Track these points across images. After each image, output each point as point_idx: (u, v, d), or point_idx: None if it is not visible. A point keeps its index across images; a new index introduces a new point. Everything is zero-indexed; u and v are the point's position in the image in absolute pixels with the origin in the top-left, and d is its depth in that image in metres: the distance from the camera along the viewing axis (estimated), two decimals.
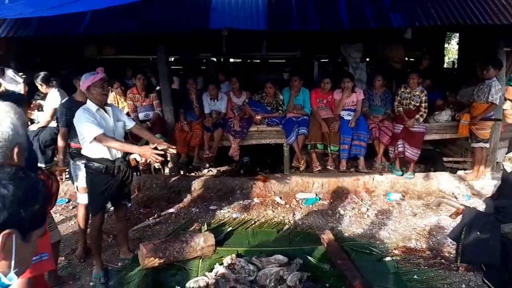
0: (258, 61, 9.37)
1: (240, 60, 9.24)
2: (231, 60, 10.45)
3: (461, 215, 2.49)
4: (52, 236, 3.10)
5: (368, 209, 5.09)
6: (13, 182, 0.99)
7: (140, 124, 5.36)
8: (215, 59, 9.33)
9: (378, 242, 4.30)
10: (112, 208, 4.04)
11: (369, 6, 5.25)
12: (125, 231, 4.09)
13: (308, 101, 5.93)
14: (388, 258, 3.92)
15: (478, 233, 2.31)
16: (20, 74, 6.17)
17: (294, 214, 4.98)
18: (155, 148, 3.30)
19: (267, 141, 6.01)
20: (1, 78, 5.84)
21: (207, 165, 6.35)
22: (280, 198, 5.40)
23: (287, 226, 4.65)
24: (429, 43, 7.95)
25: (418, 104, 5.71)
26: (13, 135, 1.45)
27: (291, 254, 3.82)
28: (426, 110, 5.70)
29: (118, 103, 5.89)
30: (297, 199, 5.38)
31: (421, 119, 5.68)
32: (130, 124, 3.71)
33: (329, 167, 5.82)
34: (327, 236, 4.16)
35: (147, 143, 5.61)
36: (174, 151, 3.60)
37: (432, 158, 6.45)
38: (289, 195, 5.47)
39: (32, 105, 5.67)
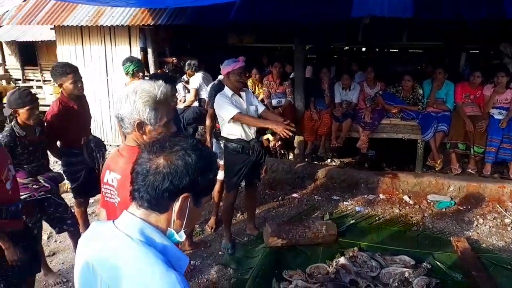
0: (396, 50, 8.89)
1: (376, 49, 8.85)
2: (363, 49, 10.13)
3: None
4: None
5: None
6: (195, 152, 1.11)
7: (271, 110, 5.60)
8: (347, 48, 9.15)
9: None
10: (244, 186, 4.32)
11: None
12: (253, 208, 4.34)
13: (452, 95, 5.42)
14: None
15: None
16: (173, 58, 6.91)
17: (424, 216, 4.67)
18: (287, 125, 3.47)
19: (400, 136, 5.69)
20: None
21: (330, 155, 6.32)
22: (409, 197, 5.10)
23: (415, 228, 4.40)
24: None
25: None
26: (132, 111, 1.69)
27: (418, 257, 3.62)
28: None
29: (255, 89, 6.21)
30: (428, 200, 5.02)
31: None
32: (261, 108, 3.90)
33: (469, 170, 5.27)
34: (461, 244, 3.83)
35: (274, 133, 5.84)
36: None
37: None
38: (420, 195, 5.13)
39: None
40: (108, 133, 6.90)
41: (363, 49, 10.29)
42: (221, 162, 4.13)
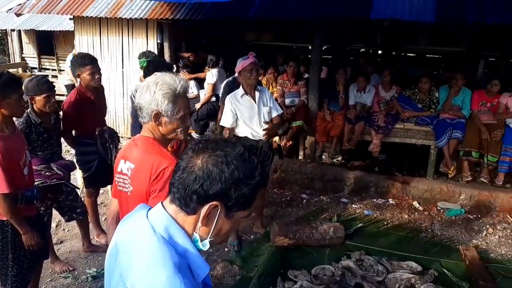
0: (413, 55, 8.81)
1: (393, 52, 8.77)
2: (380, 52, 10.03)
3: None
4: None
5: None
6: (236, 161, 1.05)
7: (285, 110, 5.60)
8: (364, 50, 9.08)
9: None
10: None
11: None
12: (261, 207, 4.34)
13: (468, 102, 5.34)
14: None
15: None
16: (189, 53, 6.94)
17: (433, 223, 4.63)
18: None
19: (413, 141, 5.64)
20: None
21: (342, 157, 6.29)
22: (419, 203, 5.06)
23: (423, 234, 4.37)
24: None
25: None
26: (151, 101, 1.72)
27: (425, 264, 3.59)
28: None
29: (269, 88, 6.20)
30: (438, 207, 4.97)
31: None
32: (274, 113, 3.92)
33: (482, 179, 5.20)
34: (470, 252, 3.79)
35: (287, 130, 5.81)
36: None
37: None
38: (430, 202, 5.09)
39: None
40: (121, 125, 6.97)
41: (380, 52, 10.20)
42: None
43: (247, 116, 3.76)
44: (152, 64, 3.32)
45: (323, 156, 6.25)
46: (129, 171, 1.76)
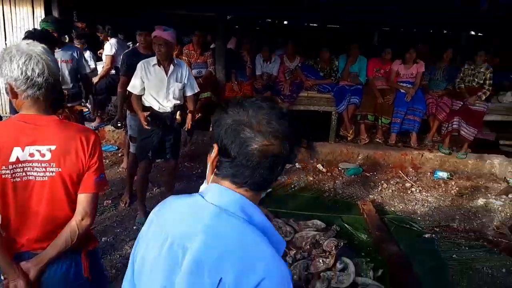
0: (315, 25, 9.14)
1: (294, 24, 9.01)
2: (286, 22, 10.27)
3: None
4: None
5: (412, 185, 4.97)
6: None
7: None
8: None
9: (419, 218, 4.22)
10: (161, 160, 4.18)
11: None
12: (170, 183, 4.18)
13: (365, 70, 5.72)
14: (427, 235, 3.85)
15: None
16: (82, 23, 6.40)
17: (335, 183, 4.96)
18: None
19: (316, 108, 5.91)
20: None
21: None
22: (323, 165, 5.37)
23: (327, 194, 4.66)
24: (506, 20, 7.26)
25: (482, 82, 5.36)
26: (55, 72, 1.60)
27: (328, 221, 3.84)
28: (490, 88, 5.35)
29: None
30: (339, 168, 5.33)
31: (483, 97, 5.34)
32: (189, 92, 3.76)
33: (377, 140, 5.67)
34: (367, 207, 4.13)
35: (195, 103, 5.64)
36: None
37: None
38: (332, 164, 5.43)
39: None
40: (6, 104, 6.26)
41: (285, 23, 10.43)
42: (134, 135, 3.99)
43: (154, 87, 3.56)
44: (31, 36, 2.95)
45: None
46: (48, 154, 1.55)
